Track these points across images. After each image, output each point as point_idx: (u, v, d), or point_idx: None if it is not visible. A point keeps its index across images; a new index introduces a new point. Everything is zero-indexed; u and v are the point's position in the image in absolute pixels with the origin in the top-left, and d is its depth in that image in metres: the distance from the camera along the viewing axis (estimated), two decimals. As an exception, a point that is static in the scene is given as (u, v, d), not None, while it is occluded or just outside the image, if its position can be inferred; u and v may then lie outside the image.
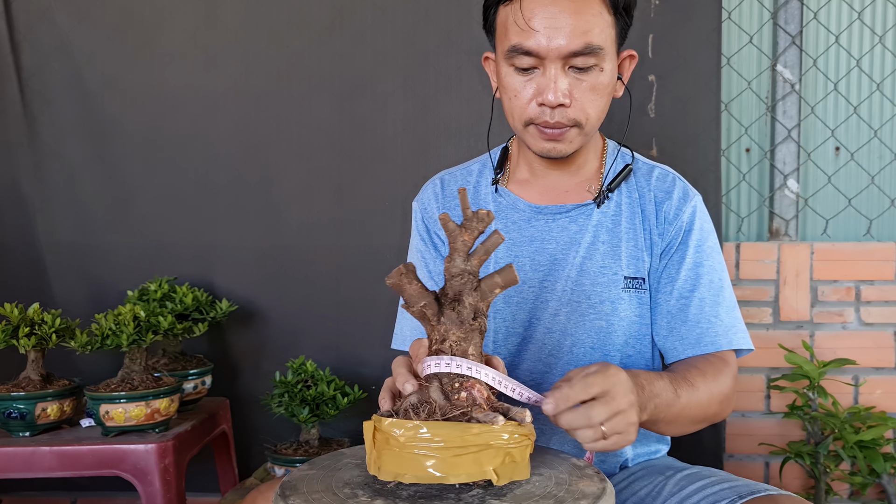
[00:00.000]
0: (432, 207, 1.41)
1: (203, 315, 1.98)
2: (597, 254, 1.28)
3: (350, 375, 2.01)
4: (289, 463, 1.75)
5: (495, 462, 0.84)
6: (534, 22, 1.14)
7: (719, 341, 1.23)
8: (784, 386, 2.16)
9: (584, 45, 1.14)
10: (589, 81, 1.18)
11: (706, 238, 1.29)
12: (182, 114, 2.17)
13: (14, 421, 1.64)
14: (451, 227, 0.92)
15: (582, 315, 1.28)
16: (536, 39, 1.14)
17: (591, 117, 1.21)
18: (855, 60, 2.27)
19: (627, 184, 1.32)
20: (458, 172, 1.43)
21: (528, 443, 0.87)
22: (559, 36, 1.13)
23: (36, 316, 1.68)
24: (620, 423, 0.93)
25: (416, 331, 1.37)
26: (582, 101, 1.19)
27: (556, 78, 1.16)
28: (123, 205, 2.18)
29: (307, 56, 2.13)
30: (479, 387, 0.89)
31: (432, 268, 1.39)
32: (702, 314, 1.24)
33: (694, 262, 1.26)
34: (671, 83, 2.08)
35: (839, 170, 2.29)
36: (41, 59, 2.16)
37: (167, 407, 1.67)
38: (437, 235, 1.40)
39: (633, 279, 1.28)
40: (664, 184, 1.31)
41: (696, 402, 1.12)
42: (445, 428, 0.83)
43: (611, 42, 1.18)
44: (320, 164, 2.16)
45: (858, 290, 2.19)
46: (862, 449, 2.01)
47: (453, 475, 0.83)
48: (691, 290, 1.25)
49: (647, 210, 1.30)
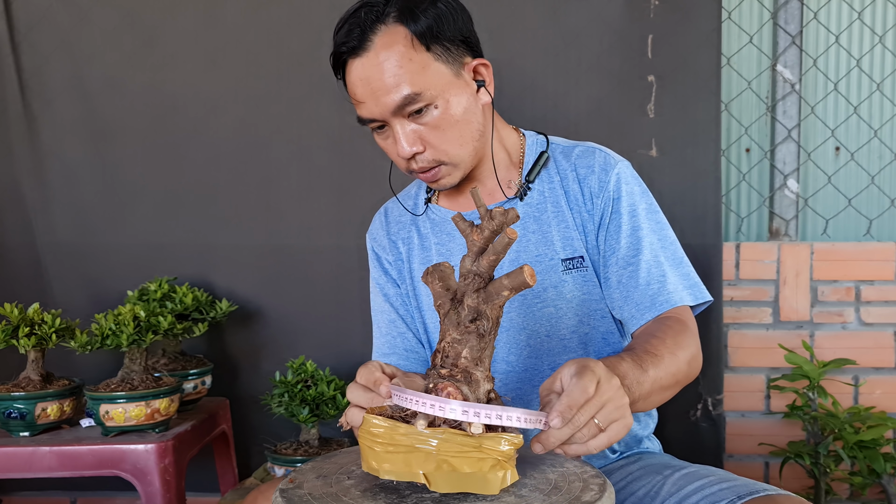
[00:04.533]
0: (380, 236, 1.49)
1: (203, 315, 1.98)
2: (529, 244, 1.31)
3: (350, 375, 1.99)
4: (289, 463, 1.75)
5: (426, 467, 0.82)
6: (358, 94, 1.21)
7: (673, 298, 1.23)
8: (784, 386, 2.16)
9: (405, 97, 1.17)
10: (430, 123, 1.21)
11: (638, 201, 1.29)
12: (182, 114, 2.17)
13: (14, 421, 1.64)
14: (462, 226, 0.91)
15: (529, 306, 1.31)
16: (367, 108, 1.21)
17: (450, 152, 1.24)
18: (855, 60, 2.27)
19: (548, 169, 1.35)
20: (401, 197, 1.51)
21: (478, 455, 0.82)
22: (380, 98, 1.18)
23: (36, 316, 1.69)
24: (612, 411, 0.89)
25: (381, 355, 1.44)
26: (433, 141, 1.22)
27: (400, 133, 1.22)
28: (123, 205, 2.18)
29: (307, 56, 2.13)
30: (452, 391, 0.85)
31: (388, 291, 1.45)
32: (650, 276, 1.24)
33: (631, 228, 1.27)
34: (671, 83, 2.08)
35: (839, 170, 2.29)
36: (41, 59, 2.16)
37: (167, 407, 1.67)
38: (387, 262, 1.46)
39: (571, 259, 1.30)
40: (585, 159, 1.33)
41: (664, 371, 1.10)
42: (383, 424, 0.84)
43: (438, 76, 1.20)
44: (320, 164, 2.16)
45: (858, 290, 2.19)
46: (862, 449, 2.01)
47: (383, 471, 0.84)
48: (635, 254, 1.26)
49: (570, 189, 1.32)
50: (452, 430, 0.82)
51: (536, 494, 0.85)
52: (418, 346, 1.43)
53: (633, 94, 2.09)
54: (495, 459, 0.82)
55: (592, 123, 2.08)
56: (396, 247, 1.45)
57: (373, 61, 1.17)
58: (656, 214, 1.30)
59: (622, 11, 2.07)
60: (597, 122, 2.08)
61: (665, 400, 1.16)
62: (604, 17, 2.07)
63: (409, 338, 1.42)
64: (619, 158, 1.33)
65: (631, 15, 2.07)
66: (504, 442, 0.82)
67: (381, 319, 1.45)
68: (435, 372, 0.88)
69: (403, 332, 1.43)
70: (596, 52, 2.08)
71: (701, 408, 2.11)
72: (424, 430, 0.82)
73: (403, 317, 1.43)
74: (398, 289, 1.45)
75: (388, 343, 1.43)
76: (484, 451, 0.82)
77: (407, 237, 1.44)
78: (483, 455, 0.82)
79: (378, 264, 1.48)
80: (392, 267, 1.46)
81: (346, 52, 1.19)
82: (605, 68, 2.08)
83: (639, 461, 1.33)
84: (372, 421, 0.86)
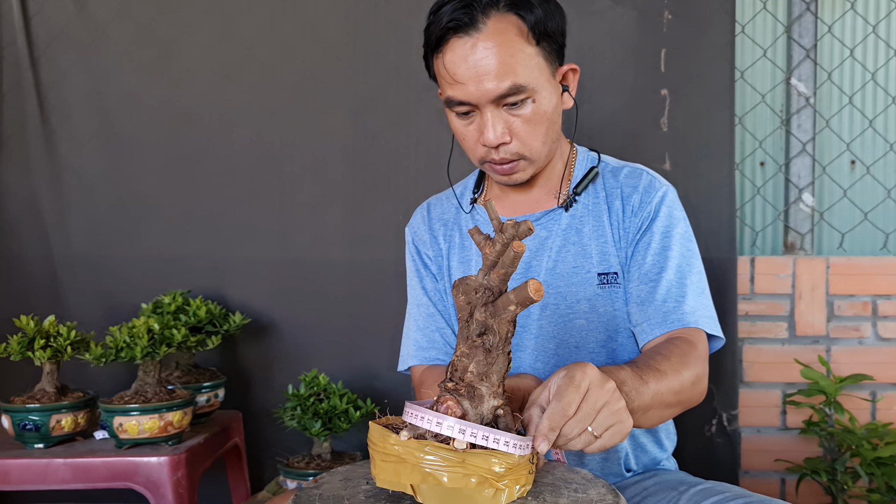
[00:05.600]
0: (421, 230, 1.49)
1: (216, 328, 1.99)
2: (568, 255, 1.32)
3: (363, 389, 2.01)
4: (301, 476, 1.75)
5: (413, 478, 0.82)
6: (458, 75, 1.18)
7: (686, 319, 1.22)
8: (800, 401, 2.14)
9: (510, 87, 1.17)
10: (524, 115, 1.21)
11: (674, 225, 1.30)
12: (197, 128, 2.19)
13: (29, 433, 1.65)
14: (477, 239, 0.90)
15: (562, 316, 1.31)
16: (465, 90, 1.19)
17: (535, 147, 1.25)
18: (870, 74, 2.26)
19: (595, 185, 1.36)
20: (444, 196, 1.52)
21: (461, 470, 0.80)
22: (484, 83, 1.17)
23: (51, 328, 1.70)
24: (607, 418, 0.88)
25: (419, 349, 1.42)
26: (521, 134, 1.23)
27: (491, 121, 1.21)
28: (139, 218, 2.20)
29: (321, 71, 2.15)
30: (452, 405, 0.85)
31: (427, 285, 1.45)
32: (669, 294, 1.24)
33: (661, 247, 1.28)
34: (684, 97, 2.07)
35: (855, 183, 2.28)
36: (60, 74, 2.19)
37: (180, 420, 1.67)
38: (427, 256, 1.47)
39: (606, 275, 1.30)
40: (632, 179, 1.34)
41: (666, 387, 1.07)
42: (378, 433, 0.85)
43: (540, 71, 1.21)
44: (334, 178, 2.17)
45: (875, 305, 2.17)
46: (880, 466, 1.98)
47: (379, 480, 0.85)
48: (659, 272, 1.26)
49: (614, 206, 1.33)
50: (437, 444, 0.82)
51: None
52: (454, 341, 1.42)
53: (646, 107, 2.09)
54: (482, 477, 0.81)
55: (606, 137, 2.07)
56: (437, 242, 1.46)
57: (484, 44, 1.16)
58: (689, 243, 1.31)
59: (635, 25, 2.07)
60: (610, 136, 2.08)
61: (666, 419, 1.14)
62: (617, 31, 2.07)
63: (447, 333, 1.42)
64: (667, 183, 1.34)
65: (644, 29, 2.07)
66: (494, 460, 0.81)
67: (419, 313, 1.44)
68: (443, 385, 0.88)
69: (442, 328, 1.42)
70: (609, 65, 2.08)
71: (716, 423, 2.09)
72: (409, 442, 0.82)
73: (441, 312, 1.43)
74: (437, 283, 1.45)
75: (427, 337, 1.42)
76: (468, 467, 0.81)
77: (448, 235, 1.45)
78: (468, 471, 0.81)
79: (418, 258, 1.47)
80: (432, 262, 1.46)
81: (452, 29, 1.17)
82: (619, 82, 2.08)
83: (654, 477, 1.32)
84: (372, 429, 0.87)
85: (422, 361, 1.41)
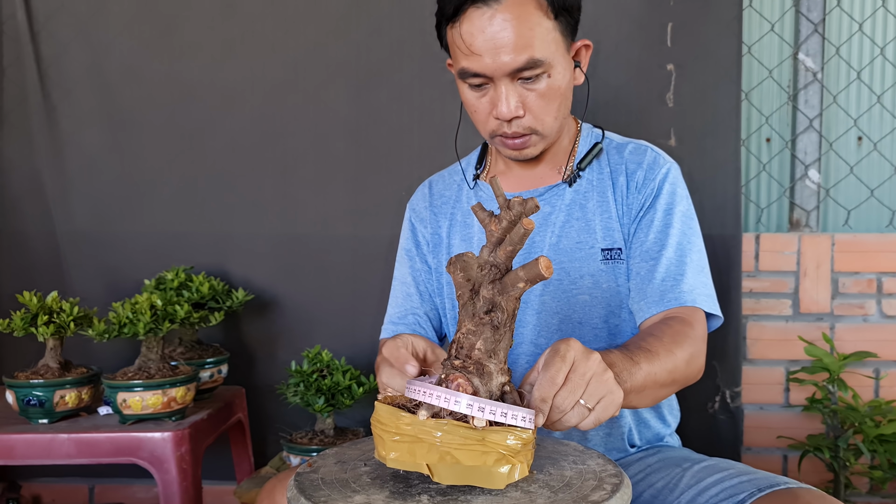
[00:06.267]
0: (421, 207, 1.49)
1: (219, 304, 1.99)
2: (571, 231, 1.32)
3: (366, 365, 2.01)
4: (304, 452, 1.76)
5: (430, 458, 0.81)
6: (475, 46, 1.17)
7: (683, 297, 1.21)
8: (803, 379, 2.14)
9: (527, 60, 1.16)
10: (538, 90, 1.21)
11: (676, 203, 1.29)
12: (199, 103, 2.17)
13: (33, 408, 1.65)
14: (481, 216, 0.90)
15: (565, 291, 1.31)
16: (481, 62, 1.18)
17: (547, 122, 1.25)
18: (879, 49, 2.23)
19: (600, 161, 1.36)
20: (447, 173, 1.51)
21: (481, 448, 0.80)
22: (501, 55, 1.16)
23: (54, 304, 1.70)
24: (597, 388, 0.88)
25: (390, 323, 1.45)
26: (535, 109, 1.22)
27: (505, 94, 1.20)
28: (141, 194, 2.19)
29: (324, 46, 2.13)
30: (462, 383, 0.85)
31: (415, 265, 1.46)
32: (668, 273, 1.23)
33: (663, 225, 1.27)
34: (690, 72, 2.05)
35: (861, 160, 2.26)
36: (60, 48, 2.17)
37: (183, 395, 1.68)
38: (422, 236, 1.47)
39: (610, 250, 1.30)
40: (636, 155, 1.34)
41: (659, 367, 1.06)
42: (389, 412, 0.84)
43: (556, 46, 1.20)
44: (337, 154, 2.16)
45: (880, 282, 2.16)
46: (882, 443, 1.98)
47: (390, 460, 0.83)
48: (659, 250, 1.26)
49: (618, 182, 1.33)
50: (456, 422, 0.81)
51: (544, 491, 0.83)
52: (427, 325, 1.44)
53: (651, 83, 2.07)
54: (500, 454, 0.81)
55: (610, 113, 2.05)
56: (437, 221, 1.46)
57: (503, 16, 1.15)
58: (691, 221, 1.30)
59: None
60: (615, 112, 2.06)
61: (662, 398, 1.14)
62: (622, 5, 2.05)
63: (420, 315, 1.44)
64: (671, 160, 1.34)
65: (650, 3, 2.04)
66: (511, 436, 0.81)
67: (400, 291, 1.47)
68: (449, 363, 0.87)
69: (416, 309, 1.44)
70: (615, 40, 2.05)
71: (719, 400, 2.10)
72: (427, 421, 0.82)
73: (422, 293, 1.45)
74: (425, 265, 1.46)
75: (399, 315, 1.45)
76: (487, 444, 0.80)
77: (451, 212, 1.45)
78: (486, 449, 0.80)
79: (412, 235, 1.48)
80: (426, 241, 1.46)
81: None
82: (624, 57, 2.06)
83: (658, 454, 1.32)
84: (380, 409, 0.86)
85: (390, 335, 1.42)
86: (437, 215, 1.46)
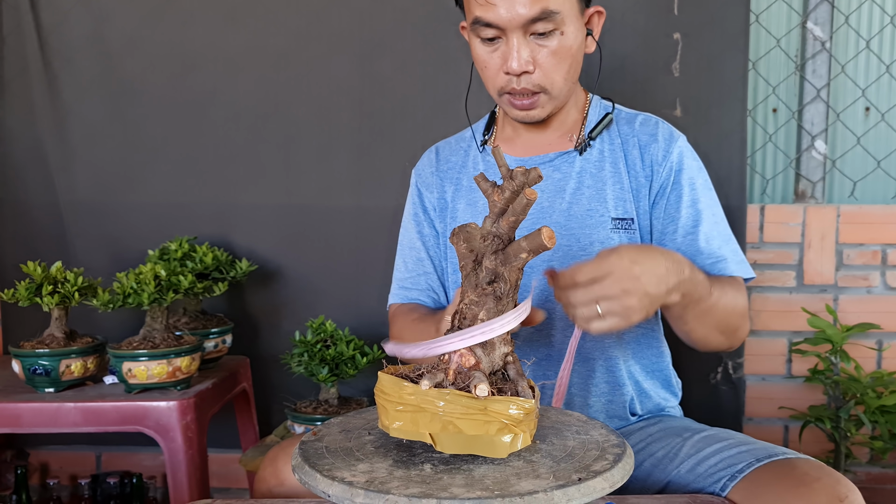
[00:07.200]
0: (427, 173, 1.49)
1: (223, 274, 1.99)
2: (583, 198, 1.33)
3: (369, 335, 2.02)
4: (308, 421, 1.77)
5: (432, 427, 0.82)
6: None
7: (730, 268, 1.27)
8: (806, 350, 2.14)
9: (541, 10, 1.16)
10: (550, 47, 1.21)
11: (696, 175, 1.33)
12: (202, 72, 2.15)
13: (39, 377, 1.66)
14: (484, 186, 0.89)
15: (574, 258, 1.31)
16: (495, 11, 1.18)
17: (557, 81, 1.25)
18: (889, 17, 2.20)
19: (609, 132, 1.37)
20: (454, 139, 1.52)
21: (483, 418, 0.81)
22: (516, 6, 1.16)
23: (59, 274, 1.70)
24: (616, 305, 0.95)
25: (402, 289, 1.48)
26: (546, 66, 1.23)
27: (517, 46, 1.20)
28: (144, 164, 2.18)
29: (327, 14, 2.10)
30: (465, 353, 0.85)
31: (423, 230, 1.48)
32: (710, 247, 1.28)
33: (692, 200, 1.30)
34: (697, 41, 2.03)
35: (869, 131, 2.24)
36: (61, 16, 2.15)
37: (188, 365, 1.69)
38: (428, 201, 1.48)
39: (622, 220, 1.32)
40: (647, 128, 1.35)
41: (724, 304, 1.16)
42: (392, 382, 0.85)
43: (571, 4, 1.20)
44: (340, 124, 2.14)
45: (885, 254, 2.16)
46: (884, 413, 1.99)
47: (393, 429, 0.84)
48: (694, 225, 1.29)
49: (631, 154, 1.34)
50: (458, 391, 0.82)
51: (546, 460, 0.84)
52: (439, 289, 1.46)
53: (658, 51, 2.05)
54: (502, 423, 0.81)
55: (616, 82, 2.03)
56: (443, 186, 1.46)
57: None
58: (710, 191, 1.33)
59: (648, -34, 2.01)
60: (620, 81, 2.04)
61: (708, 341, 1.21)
62: (629, -27, 2.02)
63: (433, 279, 1.46)
64: (680, 133, 1.36)
65: (657, -30, 2.02)
66: (513, 406, 0.81)
67: (410, 255, 1.48)
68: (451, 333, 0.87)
69: (429, 273, 1.46)
70: (620, 8, 2.03)
71: (721, 371, 2.10)
72: (429, 391, 0.82)
73: (432, 257, 1.46)
74: (433, 230, 1.47)
75: (412, 279, 1.47)
76: (489, 414, 0.81)
77: (456, 178, 1.45)
78: (489, 418, 0.81)
79: (419, 200, 1.49)
80: (432, 206, 1.47)
81: None
82: (630, 25, 2.04)
83: (659, 423, 1.33)
84: (384, 379, 0.86)
85: (403, 300, 1.46)
86: (442, 180, 1.46)
